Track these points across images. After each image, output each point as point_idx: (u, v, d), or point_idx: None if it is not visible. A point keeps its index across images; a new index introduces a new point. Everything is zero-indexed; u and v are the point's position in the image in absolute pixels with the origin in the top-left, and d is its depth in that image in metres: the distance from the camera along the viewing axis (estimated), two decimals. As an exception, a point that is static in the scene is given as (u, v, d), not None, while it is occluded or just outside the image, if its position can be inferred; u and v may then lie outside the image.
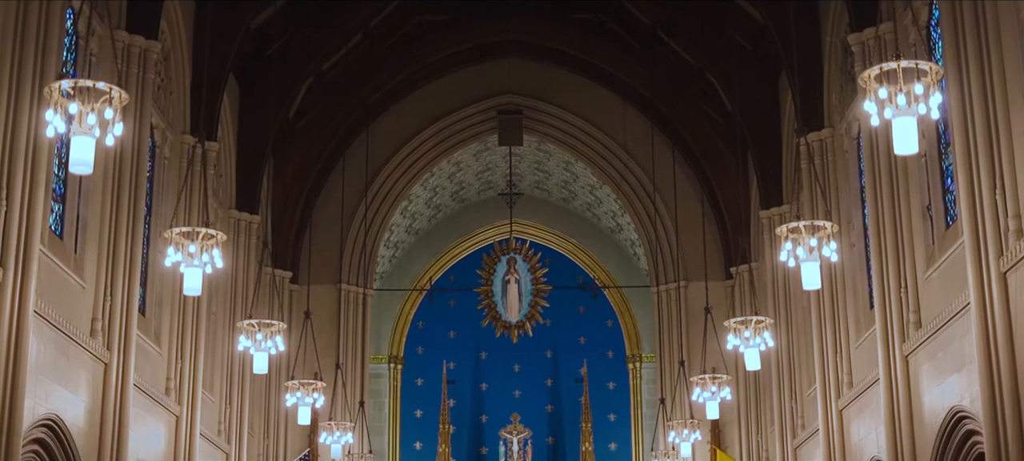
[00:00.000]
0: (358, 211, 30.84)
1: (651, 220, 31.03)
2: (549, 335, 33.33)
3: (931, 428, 17.59)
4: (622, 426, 33.12)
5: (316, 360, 27.08)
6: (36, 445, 16.14)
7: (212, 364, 24.82)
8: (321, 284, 30.27)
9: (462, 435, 33.08)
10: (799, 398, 25.40)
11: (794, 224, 15.37)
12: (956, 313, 16.46)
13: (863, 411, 21.08)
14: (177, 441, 22.01)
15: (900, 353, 18.63)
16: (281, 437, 28.95)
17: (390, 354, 33.58)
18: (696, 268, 29.69)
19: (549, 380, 33.80)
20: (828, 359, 22.68)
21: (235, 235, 26.38)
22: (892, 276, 18.94)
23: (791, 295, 25.89)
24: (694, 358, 28.15)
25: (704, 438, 28.21)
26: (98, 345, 18.18)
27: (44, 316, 16.06)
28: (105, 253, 18.70)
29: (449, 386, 32.65)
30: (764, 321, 19.72)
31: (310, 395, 23.61)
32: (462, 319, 33.43)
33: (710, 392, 23.26)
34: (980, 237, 15.12)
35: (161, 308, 22.06)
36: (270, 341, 19.42)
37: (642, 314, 33.10)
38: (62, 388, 16.84)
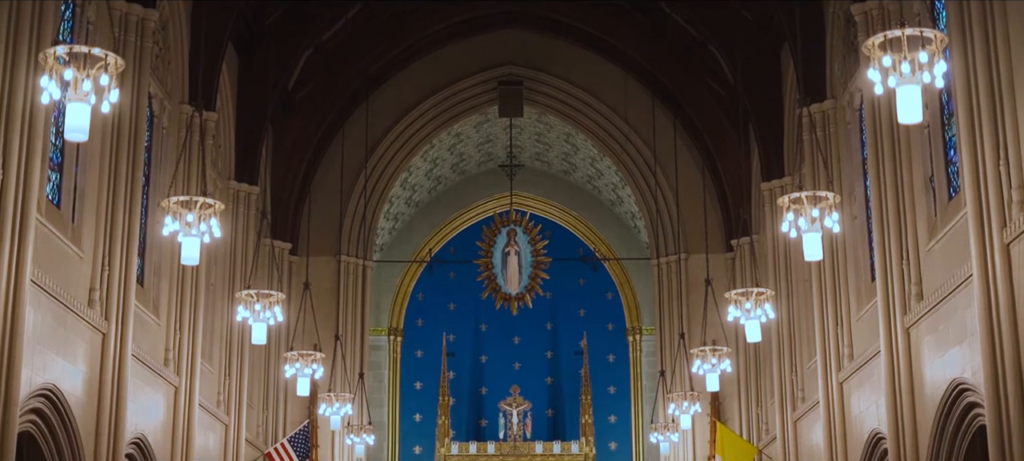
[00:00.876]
0: (358, 182, 30.73)
1: (652, 192, 30.93)
2: (549, 307, 33.27)
3: (932, 401, 17.52)
4: (622, 398, 33.09)
5: (315, 332, 27.02)
6: (34, 415, 16.08)
7: (211, 335, 24.76)
8: (320, 256, 30.20)
9: (462, 407, 33.06)
10: (799, 370, 25.35)
11: (796, 194, 15.26)
12: (958, 285, 16.37)
13: (863, 384, 21.02)
14: (176, 412, 21.96)
15: (901, 325, 18.55)
16: (281, 409, 28.94)
17: (390, 326, 33.53)
18: (697, 240, 29.61)
19: (549, 352, 33.76)
20: (829, 331, 22.61)
21: (234, 206, 26.29)
22: (894, 248, 18.84)
23: (792, 267, 25.81)
24: (694, 330, 28.11)
25: (704, 410, 28.20)
26: (96, 315, 18.10)
27: (41, 286, 15.98)
28: (103, 223, 18.60)
29: (449, 358, 32.61)
30: (765, 293, 19.64)
31: (309, 366, 23.57)
32: (462, 291, 33.37)
33: (710, 364, 23.21)
34: (983, 208, 15.01)
35: (159, 279, 21.98)
36: (269, 312, 19.35)
37: (642, 286, 33.04)
38: (60, 358, 16.77)
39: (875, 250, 19.70)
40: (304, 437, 27.84)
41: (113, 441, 18.26)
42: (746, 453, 27.30)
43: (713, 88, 28.91)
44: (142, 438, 20.22)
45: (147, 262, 21.69)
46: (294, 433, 27.90)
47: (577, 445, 30.86)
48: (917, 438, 18.03)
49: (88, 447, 17.62)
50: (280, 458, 27.17)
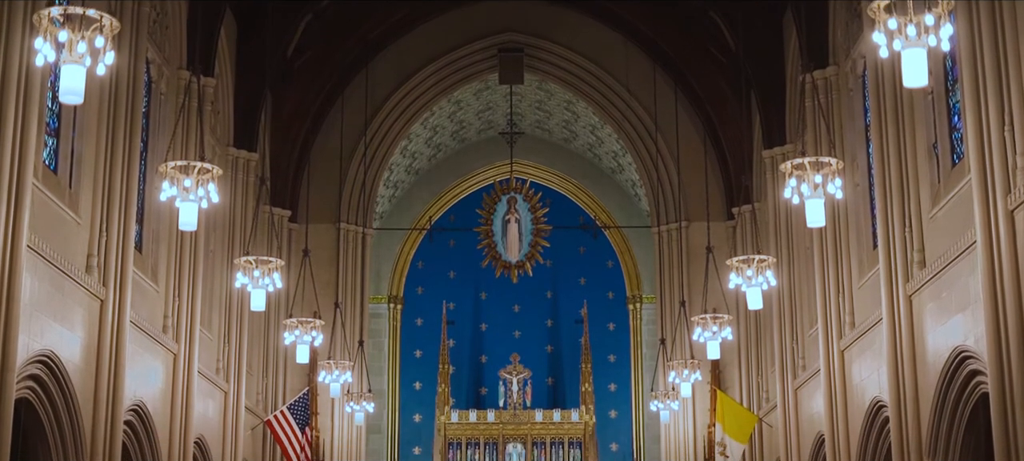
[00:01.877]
0: (357, 150, 30.61)
1: (652, 160, 30.81)
2: (549, 276, 33.19)
3: (934, 369, 17.45)
4: (622, 367, 33.06)
5: (315, 299, 26.92)
6: (31, 381, 16.01)
7: (210, 302, 24.69)
8: (320, 223, 30.11)
9: (462, 375, 33.03)
10: (800, 338, 25.29)
11: (799, 160, 15.13)
12: (962, 252, 16.27)
13: (865, 352, 20.95)
14: (175, 379, 21.90)
15: (903, 293, 18.46)
16: (280, 376, 28.91)
17: (390, 294, 33.46)
18: (697, 208, 29.50)
19: (549, 320, 33.70)
20: (830, 299, 22.53)
21: (233, 173, 26.18)
22: (896, 215, 18.73)
23: (793, 235, 25.72)
24: (695, 298, 28.05)
25: (704, 378, 28.17)
26: (94, 281, 18.01)
27: (38, 251, 15.87)
28: (100, 188, 18.48)
29: (449, 326, 32.55)
30: (767, 260, 19.53)
31: (309, 333, 23.49)
32: (462, 259, 33.28)
33: (711, 332, 23.14)
34: (987, 174, 14.90)
35: (158, 245, 21.88)
36: (268, 278, 19.26)
37: (643, 255, 32.95)
38: (57, 324, 16.69)
39: (877, 217, 19.59)
40: (304, 404, 27.80)
41: (111, 408, 18.20)
42: (746, 421, 27.26)
43: (715, 55, 28.73)
44: (141, 405, 20.16)
45: (145, 229, 21.58)
46: (294, 400, 27.85)
47: (577, 413, 30.84)
48: (919, 406, 17.97)
49: (86, 413, 17.56)
50: (280, 425, 27.15)
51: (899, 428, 18.46)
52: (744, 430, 27.10)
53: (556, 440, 30.66)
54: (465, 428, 30.74)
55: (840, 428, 21.84)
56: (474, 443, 30.69)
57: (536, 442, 30.66)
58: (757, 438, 27.88)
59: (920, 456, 17.83)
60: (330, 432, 29.69)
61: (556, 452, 30.55)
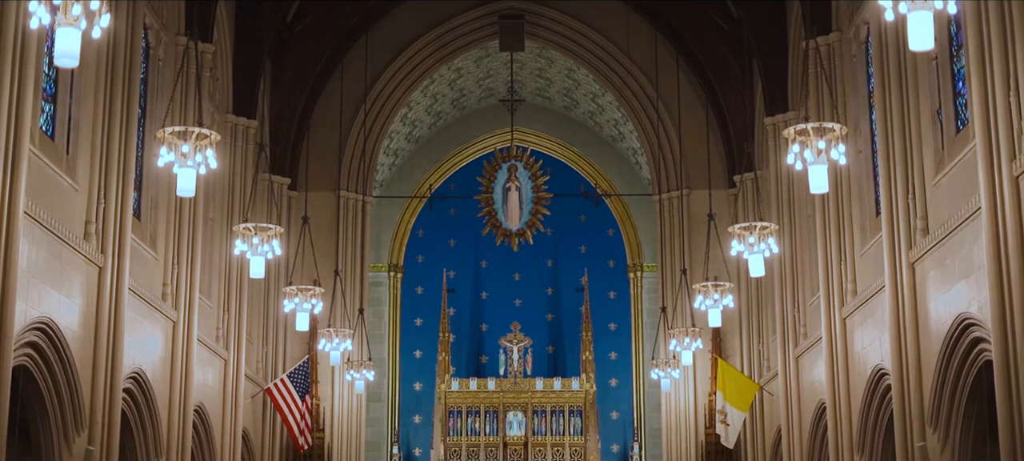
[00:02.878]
0: (357, 117, 30.46)
1: (654, 128, 30.66)
2: (550, 244, 33.07)
3: (936, 336, 17.37)
4: (622, 335, 32.99)
5: (315, 267, 26.84)
6: (29, 349, 15.93)
7: (209, 270, 24.60)
8: (320, 191, 30.00)
9: (462, 343, 32.96)
10: (801, 307, 25.21)
11: (802, 126, 14.99)
12: (965, 219, 16.16)
13: (867, 319, 20.87)
14: (174, 347, 21.83)
15: (906, 260, 18.37)
16: (280, 344, 28.85)
17: (390, 262, 33.37)
18: (699, 176, 29.36)
19: (549, 289, 33.60)
20: (832, 267, 22.44)
21: (232, 140, 26.05)
22: (900, 182, 18.62)
23: (795, 203, 25.61)
24: (696, 266, 27.97)
25: (705, 347, 28.11)
26: (92, 248, 17.91)
27: (35, 218, 15.77)
28: (98, 155, 18.36)
29: (449, 295, 32.45)
30: (769, 227, 19.39)
31: (308, 301, 23.39)
32: (462, 227, 33.17)
33: (712, 300, 23.05)
34: (992, 140, 14.78)
35: (156, 212, 21.77)
36: (267, 245, 19.15)
37: (644, 223, 32.84)
38: (55, 291, 16.60)
39: (880, 184, 19.47)
40: (304, 373, 27.75)
41: (110, 375, 18.15)
42: (747, 389, 27.22)
43: (716, 22, 28.53)
44: (140, 373, 20.09)
45: (144, 196, 21.47)
46: (294, 369, 27.82)
47: (577, 381, 30.78)
48: (921, 374, 17.91)
49: (85, 381, 17.50)
50: (280, 394, 27.11)
51: (901, 396, 18.40)
52: (745, 398, 27.08)
53: (556, 408, 30.62)
54: (465, 396, 30.70)
55: (841, 396, 21.78)
56: (474, 411, 30.66)
57: (536, 410, 30.62)
58: (758, 406, 27.85)
59: (922, 424, 17.78)
60: (330, 400, 29.65)
61: (556, 420, 30.52)
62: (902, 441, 18.33)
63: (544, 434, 30.38)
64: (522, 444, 30.27)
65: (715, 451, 29.07)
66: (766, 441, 27.74)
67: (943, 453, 17.25)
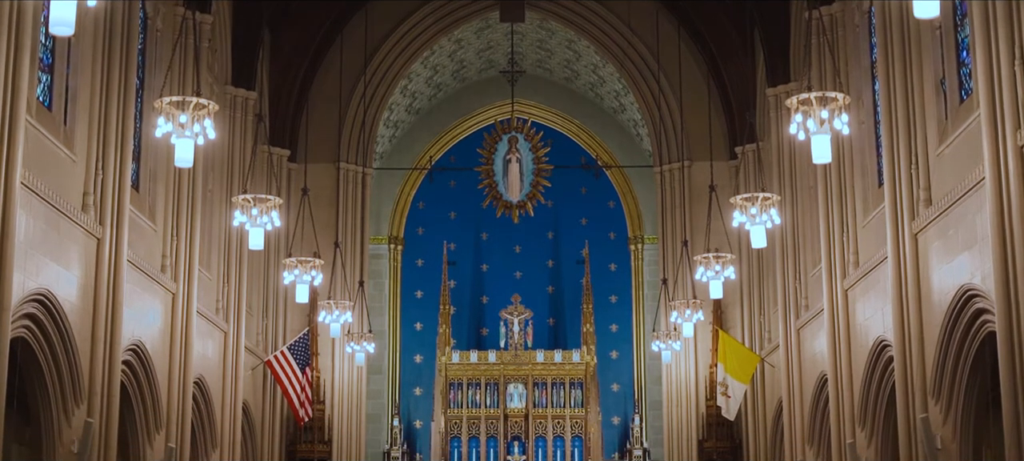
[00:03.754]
0: (357, 89, 30.32)
1: (655, 99, 30.51)
2: (551, 216, 32.97)
3: (939, 307, 17.29)
4: (623, 307, 32.93)
5: (314, 240, 26.74)
6: (28, 320, 15.85)
7: (209, 242, 24.51)
8: (319, 163, 29.89)
9: (462, 316, 32.90)
10: (803, 278, 25.13)
11: (805, 95, 14.85)
12: (969, 189, 16.05)
13: (869, 291, 20.79)
14: (174, 319, 21.77)
15: (909, 231, 18.27)
16: (280, 316, 28.80)
17: (390, 234, 33.28)
18: (700, 148, 29.22)
19: (550, 261, 33.53)
20: (834, 238, 22.34)
21: (231, 112, 25.93)
22: (903, 152, 18.51)
23: (797, 174, 25.49)
24: (697, 238, 27.88)
25: (706, 318, 28.04)
26: (90, 220, 17.81)
27: (32, 189, 15.67)
28: (96, 126, 18.23)
29: (449, 267, 32.38)
30: (771, 198, 19.27)
31: (308, 273, 23.30)
32: (463, 199, 33.06)
33: (714, 271, 22.95)
34: (997, 109, 14.66)
35: (155, 184, 21.66)
36: (266, 216, 19.03)
37: (644, 195, 32.72)
38: (53, 263, 16.51)
39: (883, 155, 19.34)
40: (304, 345, 27.70)
41: (110, 347, 18.08)
42: (748, 361, 27.18)
43: (718, -8, 28.37)
44: (139, 345, 20.03)
45: (142, 167, 21.36)
46: (294, 341, 27.76)
47: (578, 354, 30.74)
48: (923, 345, 17.84)
49: (84, 352, 17.43)
50: (280, 366, 27.06)
51: (903, 368, 18.34)
52: (746, 370, 27.04)
53: (557, 381, 30.59)
54: (466, 368, 30.66)
55: (843, 368, 21.73)
56: (475, 383, 30.63)
57: (537, 382, 30.59)
58: (759, 378, 27.81)
59: (925, 396, 17.71)
60: (330, 372, 29.62)
61: (557, 392, 30.50)
62: (904, 413, 18.28)
63: (545, 406, 30.37)
64: (523, 416, 30.26)
65: (716, 423, 29.06)
66: (767, 413, 27.72)
67: (945, 425, 17.20)
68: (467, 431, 30.09)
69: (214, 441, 24.23)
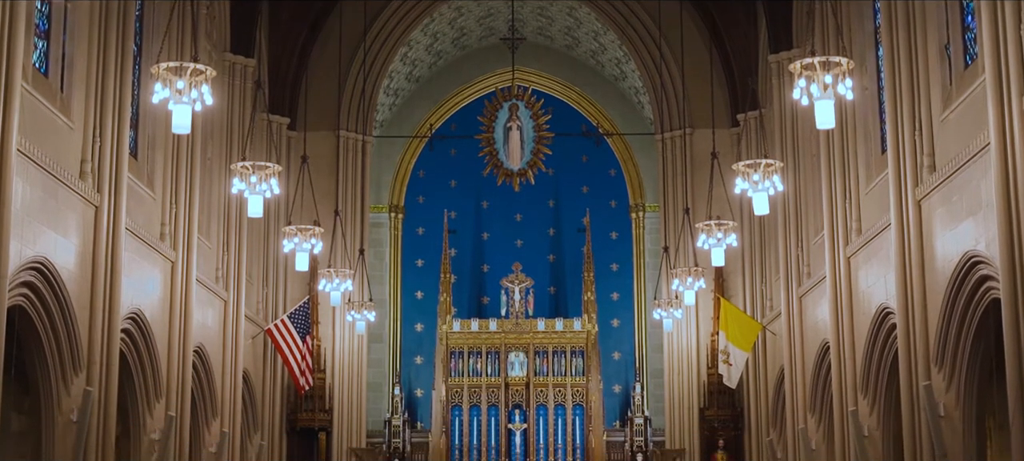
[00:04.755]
0: (357, 57, 30.15)
1: (656, 66, 30.34)
2: (551, 184, 32.81)
3: (943, 274, 17.18)
4: (624, 276, 32.82)
5: (314, 208, 26.61)
6: (25, 288, 15.76)
7: (208, 210, 24.41)
8: (319, 131, 29.76)
9: (463, 284, 32.80)
10: (805, 246, 25.02)
11: (808, 60, 14.70)
12: (974, 155, 15.92)
13: (871, 258, 20.68)
14: (173, 288, 21.67)
15: (912, 197, 18.15)
16: (281, 284, 28.73)
17: (390, 203, 33.13)
18: (702, 115, 29.06)
19: (551, 229, 33.38)
20: (837, 205, 22.22)
21: (230, 79, 25.77)
22: (906, 118, 18.36)
23: (799, 141, 25.36)
24: (699, 206, 27.76)
25: (708, 286, 27.95)
26: (88, 187, 17.69)
27: (29, 156, 15.54)
28: (93, 93, 18.09)
29: (450, 235, 32.24)
30: (773, 164, 19.12)
31: (308, 241, 23.17)
32: (463, 168, 32.88)
33: (715, 239, 22.84)
34: (1003, 74, 14.51)
35: (153, 152, 21.53)
36: (265, 184, 18.89)
37: (646, 163, 32.56)
38: (51, 231, 16.40)
39: (887, 121, 19.20)
40: (304, 313, 27.63)
41: (108, 316, 18.00)
42: (750, 329, 27.09)
43: (720, -42, 28.16)
44: (139, 313, 19.94)
45: (140, 135, 21.23)
46: (294, 309, 27.69)
47: (579, 322, 30.65)
48: (926, 313, 17.74)
49: (83, 321, 17.34)
50: (280, 334, 26.99)
51: (906, 335, 18.25)
52: (748, 338, 26.96)
53: (558, 349, 30.51)
54: (467, 337, 30.59)
55: (845, 336, 21.64)
56: (476, 352, 30.55)
57: (538, 351, 30.51)
58: (761, 346, 27.75)
59: (928, 363, 17.63)
60: (331, 341, 29.58)
61: (558, 361, 30.42)
62: (907, 381, 18.20)
63: (546, 375, 30.31)
64: (524, 385, 30.20)
65: (717, 391, 29.05)
66: (768, 381, 27.68)
67: (948, 393, 17.12)
68: (468, 400, 30.04)
69: (214, 410, 24.19)
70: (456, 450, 29.89)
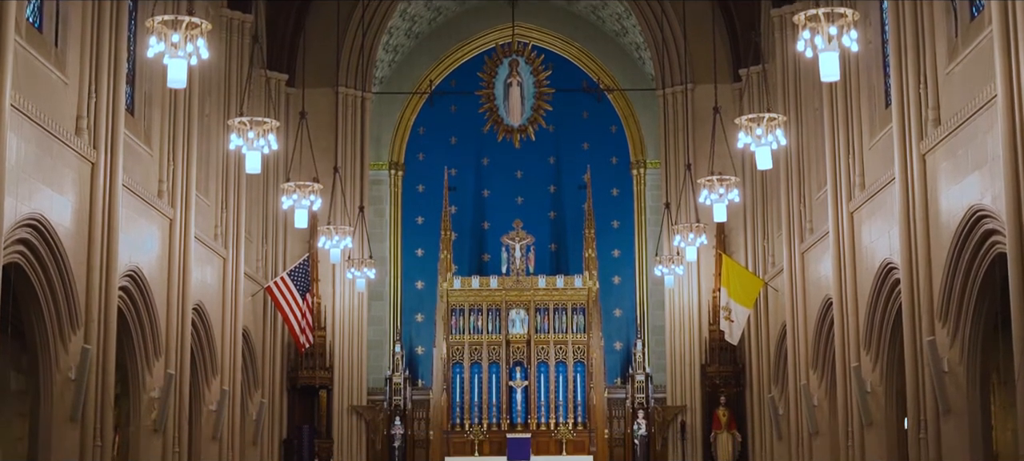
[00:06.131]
0: (355, 12, 29.89)
1: (657, 22, 30.08)
2: (552, 141, 32.60)
3: (947, 229, 17.03)
4: (625, 232, 32.66)
5: (313, 165, 26.42)
6: (21, 245, 15.61)
7: (206, 167, 24.23)
8: (318, 88, 29.54)
9: (464, 242, 32.66)
10: (808, 201, 24.86)
11: (813, 11, 14.49)
12: (979, 107, 15.72)
13: (875, 213, 20.52)
14: (171, 245, 21.53)
15: (917, 152, 17.97)
16: (280, 242, 28.62)
17: (390, 160, 32.93)
18: (704, 70, 28.84)
19: (552, 186, 33.20)
20: (840, 160, 22.05)
21: (227, 35, 25.51)
22: (911, 71, 18.15)
23: (802, 96, 25.15)
24: (700, 162, 27.57)
25: (709, 243, 27.82)
26: (84, 144, 17.51)
27: (23, 111, 15.35)
28: (88, 48, 17.88)
29: (450, 193, 32.08)
30: (777, 118, 18.91)
31: (307, 198, 22.98)
32: (463, 125, 32.67)
33: (718, 194, 22.67)
34: (1010, 24, 14.29)
35: (150, 109, 21.32)
36: (262, 139, 18.69)
37: (647, 119, 32.34)
38: (47, 187, 16.24)
39: (891, 74, 18.99)
40: (304, 271, 27.51)
41: (106, 273, 17.88)
42: (752, 285, 26.98)
43: (723, -89, 27.85)
44: (137, 271, 19.80)
45: (137, 91, 21.02)
46: (294, 267, 27.57)
47: (580, 279, 30.55)
48: (931, 267, 17.59)
49: (80, 278, 17.21)
50: (280, 292, 26.87)
51: (910, 291, 18.12)
52: (749, 294, 26.86)
53: (559, 306, 30.43)
54: (468, 294, 30.49)
55: (848, 292, 21.51)
56: (477, 309, 30.47)
57: (539, 308, 30.43)
58: (762, 302, 27.66)
59: (932, 318, 17.51)
60: (331, 299, 29.49)
61: (559, 318, 30.35)
62: (911, 336, 18.09)
63: (546, 332, 30.24)
64: (525, 342, 30.14)
65: (719, 347, 28.98)
66: (770, 337, 27.61)
67: (952, 348, 17.01)
68: (469, 357, 29.98)
69: (214, 368, 24.11)
70: (457, 407, 29.87)
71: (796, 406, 25.08)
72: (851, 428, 21.46)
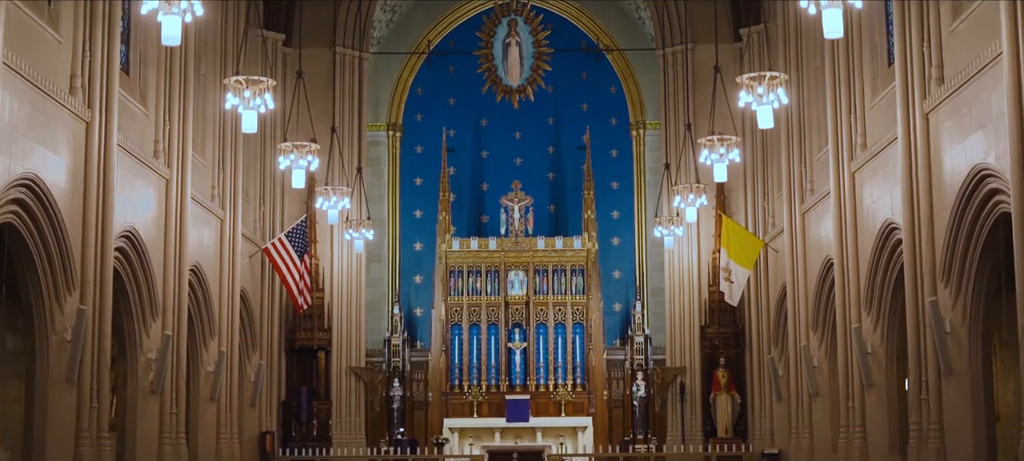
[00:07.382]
0: (352, -29, 29.62)
1: (658, -20, 29.81)
2: (551, 101, 32.39)
3: (950, 189, 16.89)
4: (625, 194, 32.48)
5: (311, 127, 26.23)
6: (15, 205, 15.47)
7: (203, 127, 24.04)
8: (315, 47, 29.29)
9: (462, 203, 32.50)
10: (809, 162, 24.70)
11: (816, -33, 14.30)
12: (984, 66, 15.55)
13: (877, 173, 20.37)
14: (168, 205, 21.39)
15: (920, 111, 17.81)
16: (277, 203, 28.45)
17: (388, 121, 32.71)
18: (704, 30, 28.60)
19: (551, 147, 33.00)
20: (841, 120, 21.88)
21: (223, -6, 25.26)
22: (914, 29, 17.96)
23: (803, 56, 24.95)
24: (700, 123, 27.36)
25: (709, 203, 27.68)
26: (78, 103, 17.34)
27: (16, 69, 15.17)
28: (82, 6, 17.68)
29: (449, 154, 31.89)
30: (778, 77, 18.70)
31: (304, 158, 22.80)
32: (462, 85, 32.43)
33: (718, 154, 22.49)
34: (1016, -19, 14.09)
35: (145, 68, 21.12)
36: (259, 99, 18.48)
37: (647, 80, 32.11)
38: (41, 147, 16.08)
39: (894, 32, 18.78)
40: (302, 232, 27.37)
41: (101, 234, 17.76)
42: (752, 246, 26.85)
43: None
44: (133, 231, 19.67)
45: (132, 50, 20.82)
46: (292, 228, 27.42)
47: (579, 240, 30.43)
48: (933, 228, 17.47)
49: (75, 239, 17.08)
50: (278, 253, 26.74)
51: (912, 251, 18.00)
52: (750, 255, 26.74)
53: (558, 268, 30.33)
54: (466, 256, 30.38)
55: (849, 252, 21.40)
56: (475, 271, 30.37)
57: (538, 269, 30.33)
58: (763, 263, 27.55)
59: (933, 279, 17.39)
60: (329, 260, 29.37)
61: (558, 279, 30.26)
62: (912, 297, 17.98)
63: (546, 293, 30.15)
64: (524, 303, 30.05)
65: (719, 309, 28.89)
66: (771, 298, 27.51)
67: (954, 309, 16.90)
68: (468, 319, 29.90)
69: (212, 329, 24.01)
70: (456, 369, 29.82)
71: (796, 367, 25.01)
72: (851, 389, 21.39)
